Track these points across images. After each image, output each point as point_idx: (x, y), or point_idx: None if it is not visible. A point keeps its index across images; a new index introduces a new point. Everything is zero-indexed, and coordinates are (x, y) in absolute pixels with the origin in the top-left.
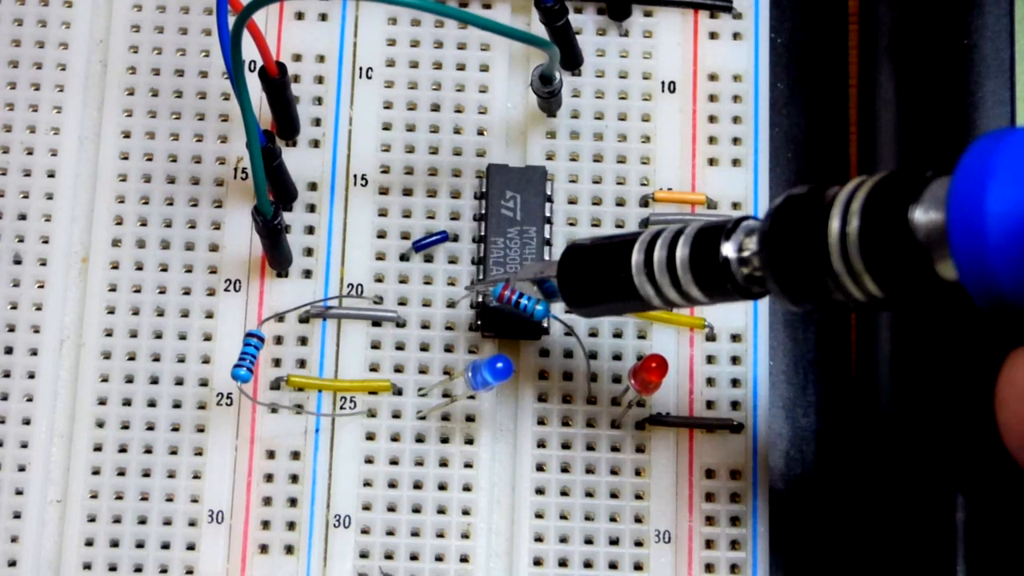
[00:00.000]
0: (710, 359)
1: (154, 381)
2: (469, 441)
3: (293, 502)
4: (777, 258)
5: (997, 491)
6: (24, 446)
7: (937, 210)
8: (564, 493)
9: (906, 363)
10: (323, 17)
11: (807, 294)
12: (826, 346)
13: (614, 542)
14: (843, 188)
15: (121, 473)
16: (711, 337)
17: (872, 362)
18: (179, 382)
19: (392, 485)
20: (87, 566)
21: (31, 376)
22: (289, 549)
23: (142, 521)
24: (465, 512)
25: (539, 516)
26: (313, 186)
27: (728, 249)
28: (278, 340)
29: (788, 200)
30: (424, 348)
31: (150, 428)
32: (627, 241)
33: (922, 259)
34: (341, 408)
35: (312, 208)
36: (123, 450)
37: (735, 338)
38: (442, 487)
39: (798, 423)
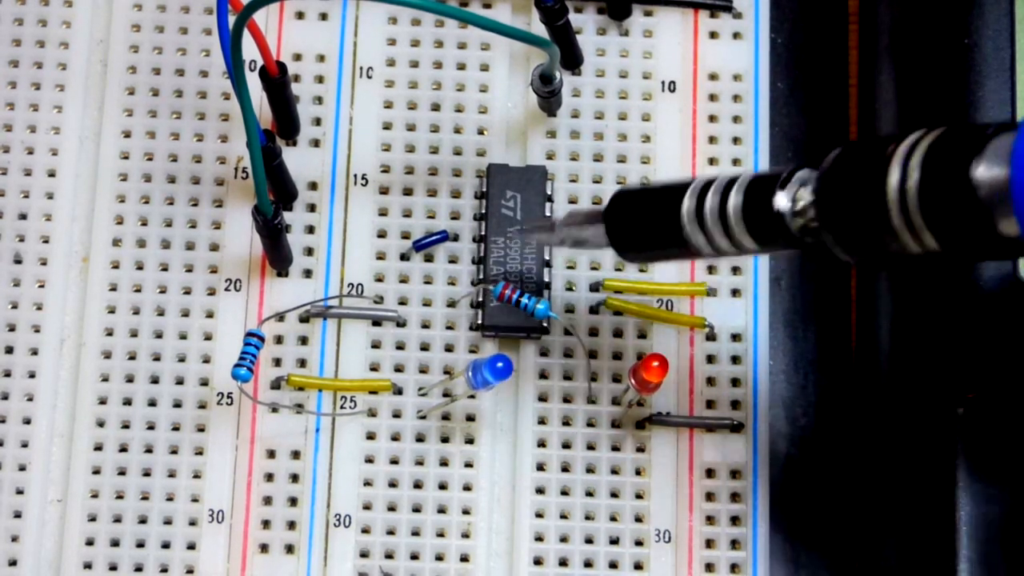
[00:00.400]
0: (710, 359)
1: (154, 381)
2: (469, 441)
3: (293, 501)
4: (833, 211)
5: (997, 491)
6: (24, 446)
7: (1000, 166)
8: (564, 493)
9: (906, 363)
10: (323, 17)
11: (863, 247)
12: (826, 346)
13: (614, 542)
14: (902, 142)
15: (121, 472)
16: (711, 337)
17: (872, 362)
18: (179, 382)
19: (392, 484)
20: (87, 566)
21: (31, 376)
22: (289, 548)
23: (142, 520)
24: (465, 511)
25: (539, 515)
26: (313, 186)
27: (781, 200)
28: (278, 340)
29: (845, 151)
30: (424, 348)
31: (150, 427)
32: (678, 188)
33: (984, 216)
34: (341, 408)
35: (312, 208)
36: (123, 449)
37: (735, 338)
38: (442, 487)
39: (798, 423)
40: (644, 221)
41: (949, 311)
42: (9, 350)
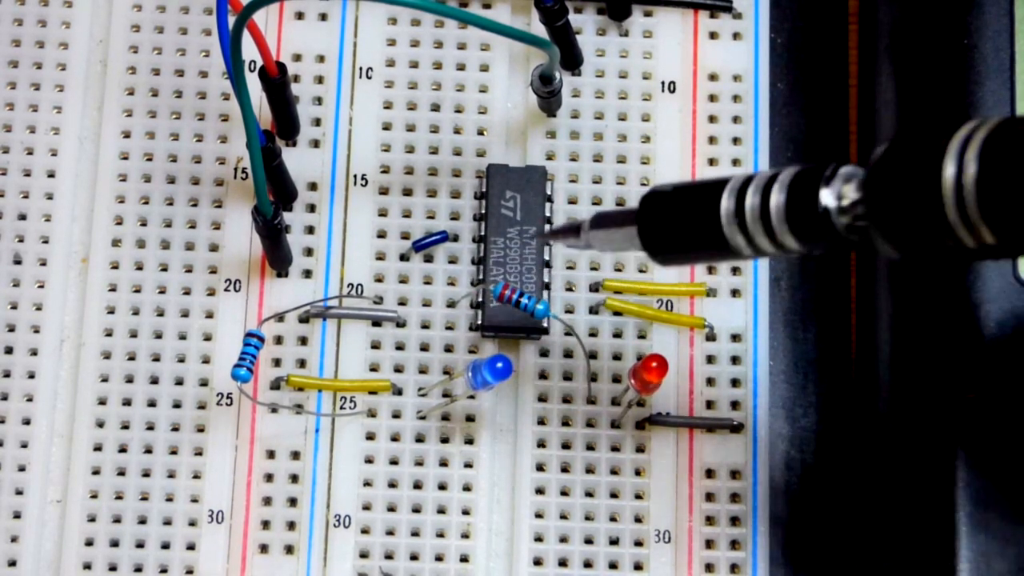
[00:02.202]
0: (710, 359)
1: (154, 381)
2: (469, 441)
3: (293, 502)
4: (884, 207)
5: (997, 491)
6: (24, 446)
7: None
8: (564, 493)
9: (906, 363)
10: (323, 17)
11: (916, 243)
12: (826, 346)
13: (614, 542)
14: (956, 134)
15: (121, 473)
16: (711, 337)
17: (872, 362)
18: (179, 382)
19: (392, 485)
20: (87, 566)
21: (31, 376)
22: (289, 549)
23: (142, 521)
24: (465, 512)
25: (539, 516)
26: (313, 186)
27: (827, 197)
28: (278, 340)
29: (894, 145)
30: (424, 348)
31: (150, 428)
32: (714, 186)
33: None
34: (341, 408)
35: (312, 208)
36: (123, 450)
37: (735, 338)
38: (442, 487)
39: (798, 423)
40: (679, 223)
41: (949, 311)
42: (9, 350)
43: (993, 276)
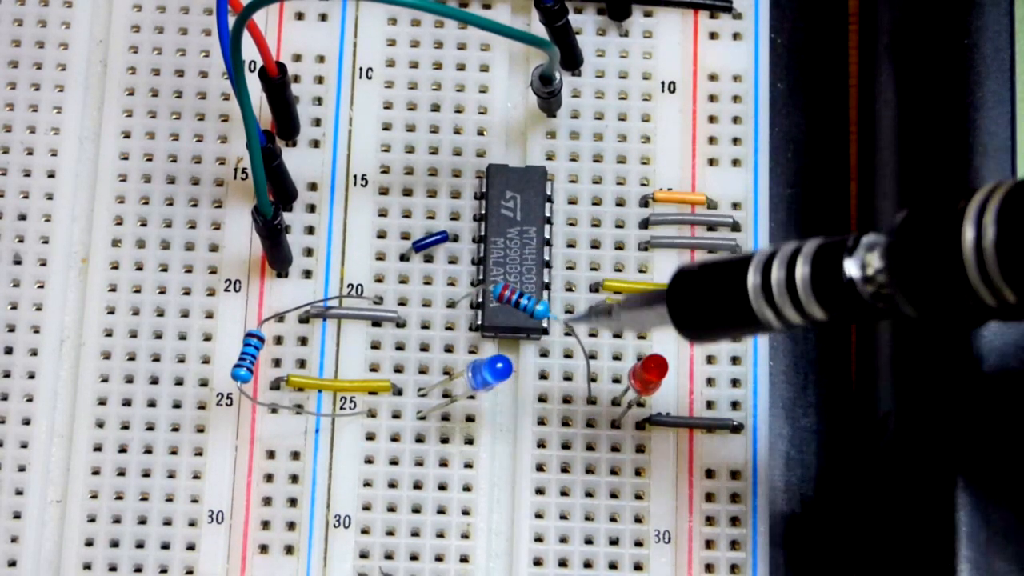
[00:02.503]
0: (710, 359)
1: (154, 381)
2: (469, 441)
3: (293, 502)
4: (907, 274)
5: (998, 491)
6: (24, 446)
7: None
8: (564, 493)
9: (906, 363)
10: (323, 17)
11: (940, 307)
12: (826, 346)
13: (614, 542)
14: (972, 198)
15: (121, 473)
16: None
17: (872, 362)
18: (179, 382)
19: (392, 485)
20: (87, 566)
21: (31, 376)
22: (289, 549)
23: (142, 521)
24: (465, 512)
25: (539, 516)
26: (313, 186)
27: (851, 267)
28: (278, 340)
29: (912, 213)
30: (424, 348)
31: (150, 428)
32: (740, 263)
33: None
34: (341, 408)
35: (312, 208)
36: (123, 450)
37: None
38: (442, 487)
39: (798, 423)
40: (708, 300)
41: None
42: (9, 351)
43: None
